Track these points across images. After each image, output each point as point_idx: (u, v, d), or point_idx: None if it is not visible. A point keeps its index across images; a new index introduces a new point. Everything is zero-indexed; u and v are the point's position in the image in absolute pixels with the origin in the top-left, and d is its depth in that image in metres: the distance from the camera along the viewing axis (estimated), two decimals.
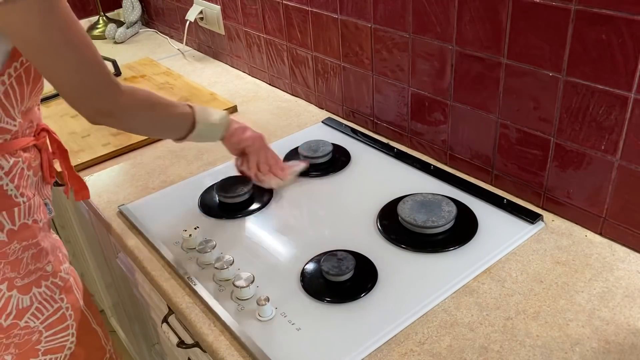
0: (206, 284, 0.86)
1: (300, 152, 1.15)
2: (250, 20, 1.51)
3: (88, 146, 1.27)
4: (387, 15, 1.08)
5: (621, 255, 0.87)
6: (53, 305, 0.91)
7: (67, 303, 0.93)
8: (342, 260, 0.84)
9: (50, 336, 0.91)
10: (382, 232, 0.94)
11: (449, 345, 0.74)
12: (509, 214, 0.96)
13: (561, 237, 0.91)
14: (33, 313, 0.88)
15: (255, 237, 0.97)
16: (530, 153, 0.95)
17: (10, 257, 0.84)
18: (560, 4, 0.80)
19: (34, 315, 0.88)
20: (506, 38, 0.89)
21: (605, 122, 0.82)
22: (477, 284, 0.84)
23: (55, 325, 0.91)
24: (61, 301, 0.92)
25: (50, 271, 0.90)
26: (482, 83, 0.97)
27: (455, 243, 0.90)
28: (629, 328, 0.75)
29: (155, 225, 1.00)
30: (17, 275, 0.85)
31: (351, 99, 1.28)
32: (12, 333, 0.87)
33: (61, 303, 0.92)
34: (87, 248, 1.57)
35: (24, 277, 0.86)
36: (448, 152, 1.11)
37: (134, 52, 1.90)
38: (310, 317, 0.79)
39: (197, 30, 1.80)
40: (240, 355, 0.75)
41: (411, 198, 0.97)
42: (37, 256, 0.87)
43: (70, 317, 0.94)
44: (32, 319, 0.88)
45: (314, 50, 1.32)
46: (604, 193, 0.87)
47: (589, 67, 0.81)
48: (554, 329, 0.75)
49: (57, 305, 0.91)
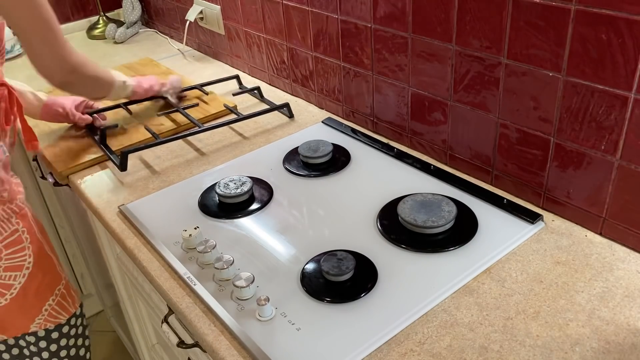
0: (206, 284, 0.86)
1: (300, 152, 1.15)
2: (250, 20, 1.51)
3: (89, 146, 1.28)
4: (387, 15, 1.08)
5: (621, 255, 0.87)
6: (10, 227, 1.06)
7: (22, 227, 1.08)
8: (342, 260, 0.85)
9: (10, 255, 1.06)
10: (382, 232, 0.94)
11: (449, 345, 0.74)
12: (509, 214, 0.96)
13: (561, 237, 0.91)
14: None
15: (255, 237, 0.97)
16: (530, 153, 0.95)
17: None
18: (560, 4, 0.80)
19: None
20: (506, 38, 0.89)
21: (605, 122, 0.82)
22: (477, 284, 0.84)
23: (13, 245, 1.06)
24: (17, 224, 1.07)
25: (6, 197, 1.06)
26: (482, 83, 0.97)
27: (455, 243, 0.90)
28: (629, 328, 0.75)
29: (155, 225, 1.00)
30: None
31: (351, 99, 1.28)
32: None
33: (17, 226, 1.07)
34: (87, 248, 1.57)
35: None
36: (448, 152, 1.11)
37: (134, 52, 1.90)
38: (310, 317, 0.79)
39: (197, 30, 1.80)
40: (240, 355, 0.75)
41: (411, 198, 0.97)
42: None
43: (27, 240, 1.09)
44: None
45: (314, 50, 1.32)
46: (604, 193, 0.87)
47: (589, 67, 0.81)
48: (554, 329, 0.75)
49: (13, 227, 1.07)
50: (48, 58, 1.03)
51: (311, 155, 1.13)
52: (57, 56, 1.04)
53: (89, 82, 1.15)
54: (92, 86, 1.18)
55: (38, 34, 1.00)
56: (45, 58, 1.03)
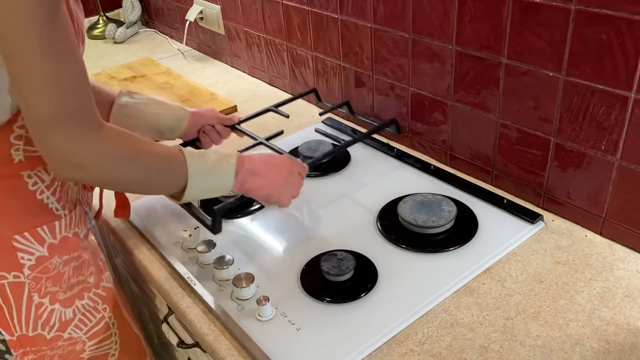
0: (206, 284, 0.86)
1: (300, 152, 1.15)
2: (250, 20, 1.51)
3: None
4: (387, 15, 1.08)
5: (621, 255, 0.87)
6: (96, 316, 0.88)
7: (109, 312, 0.90)
8: (342, 260, 0.84)
9: (94, 345, 0.89)
10: (382, 232, 0.94)
11: (449, 345, 0.74)
12: (509, 214, 0.96)
13: (561, 237, 0.91)
14: (76, 324, 0.86)
15: (255, 237, 0.97)
16: (531, 153, 0.95)
17: (52, 272, 0.81)
18: (560, 4, 0.80)
19: (77, 327, 0.86)
20: (506, 38, 0.89)
21: (606, 122, 0.82)
22: (477, 284, 0.84)
23: (99, 334, 0.89)
24: (104, 311, 0.90)
25: (92, 283, 0.88)
26: (482, 83, 0.97)
27: (455, 243, 0.90)
28: (629, 328, 0.75)
29: (155, 225, 1.00)
30: (59, 289, 0.83)
31: (351, 99, 1.28)
32: (56, 345, 0.85)
33: (104, 313, 0.90)
34: None
35: (66, 290, 0.84)
36: (448, 152, 1.11)
37: (134, 52, 1.90)
38: (310, 317, 0.79)
39: (197, 30, 1.80)
40: (240, 356, 0.75)
41: (411, 198, 0.97)
42: (78, 269, 0.85)
43: (113, 326, 0.92)
44: (76, 330, 0.86)
45: (314, 50, 1.32)
46: (604, 193, 0.87)
47: (589, 67, 0.81)
48: (554, 329, 0.75)
49: (99, 315, 0.89)
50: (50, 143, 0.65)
51: (311, 155, 1.13)
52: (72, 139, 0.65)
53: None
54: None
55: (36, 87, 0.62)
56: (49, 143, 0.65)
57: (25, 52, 0.60)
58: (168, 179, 0.76)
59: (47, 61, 0.60)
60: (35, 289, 0.80)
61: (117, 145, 0.68)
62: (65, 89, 0.62)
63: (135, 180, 0.73)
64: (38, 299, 0.81)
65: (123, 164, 0.69)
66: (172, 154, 0.76)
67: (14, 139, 0.75)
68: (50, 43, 0.60)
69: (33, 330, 0.82)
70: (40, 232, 0.80)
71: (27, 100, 0.62)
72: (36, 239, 0.79)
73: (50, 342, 0.84)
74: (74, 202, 0.86)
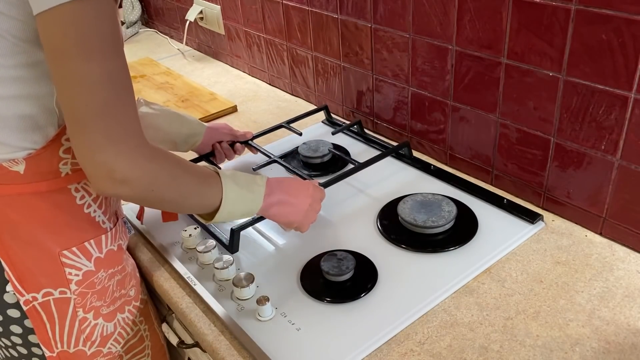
0: (206, 284, 0.86)
1: (300, 152, 1.15)
2: (250, 20, 1.51)
3: None
4: (387, 15, 1.08)
5: (621, 255, 0.87)
6: (134, 328, 0.89)
7: (145, 325, 0.92)
8: (342, 260, 0.84)
9: (130, 358, 0.91)
10: (382, 232, 0.94)
11: (449, 345, 0.74)
12: (509, 214, 0.96)
13: (561, 237, 0.91)
14: (115, 339, 0.86)
15: (255, 237, 0.97)
16: (530, 153, 0.95)
17: (97, 287, 0.81)
18: (560, 4, 0.80)
19: (116, 341, 0.87)
20: (506, 38, 0.89)
21: (605, 122, 0.82)
22: (477, 284, 0.84)
23: (135, 347, 0.91)
24: (140, 324, 0.90)
25: (133, 295, 0.88)
26: (482, 83, 0.97)
27: (455, 243, 0.90)
28: (629, 328, 0.75)
29: (155, 225, 1.00)
30: (103, 304, 0.83)
31: (351, 98, 1.28)
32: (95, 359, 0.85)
33: (140, 326, 0.90)
34: None
35: (110, 304, 0.84)
36: (448, 152, 1.11)
37: (134, 52, 1.90)
38: (310, 317, 0.79)
39: (197, 30, 1.80)
40: (240, 355, 0.75)
41: (411, 198, 0.97)
42: (121, 282, 0.85)
43: (147, 338, 0.93)
44: (115, 344, 0.87)
45: (314, 50, 1.32)
46: (604, 193, 0.87)
47: (589, 67, 0.81)
48: (554, 329, 0.75)
49: (136, 328, 0.90)
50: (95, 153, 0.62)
51: (311, 155, 1.13)
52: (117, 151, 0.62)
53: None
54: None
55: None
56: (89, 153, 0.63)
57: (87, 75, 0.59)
58: (204, 200, 0.75)
59: (105, 89, 0.60)
60: (81, 304, 0.79)
61: (161, 164, 0.67)
62: (117, 108, 0.61)
63: (174, 199, 0.70)
64: (82, 314, 0.80)
65: (166, 183, 0.67)
66: (210, 176, 0.75)
67: (63, 152, 0.73)
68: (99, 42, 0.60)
69: (75, 346, 0.81)
70: (87, 247, 0.78)
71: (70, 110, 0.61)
72: (84, 254, 0.78)
73: (90, 357, 0.83)
74: (115, 213, 0.85)
